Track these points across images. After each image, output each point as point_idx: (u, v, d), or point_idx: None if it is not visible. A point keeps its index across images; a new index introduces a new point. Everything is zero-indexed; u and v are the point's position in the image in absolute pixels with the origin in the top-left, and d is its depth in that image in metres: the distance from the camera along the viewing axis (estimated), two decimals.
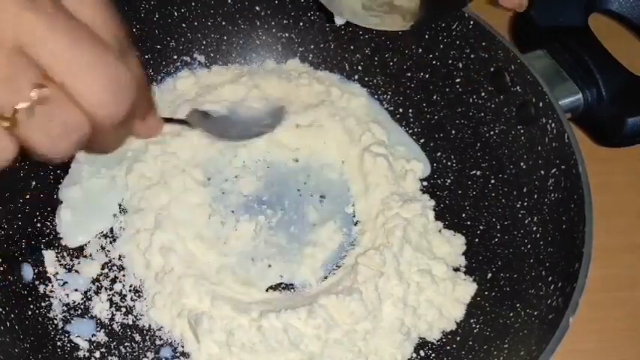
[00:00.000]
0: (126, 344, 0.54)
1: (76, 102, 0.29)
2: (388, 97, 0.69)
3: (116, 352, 0.53)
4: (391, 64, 0.68)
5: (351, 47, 0.70)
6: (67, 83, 0.28)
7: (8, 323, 0.50)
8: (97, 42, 0.29)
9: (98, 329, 0.54)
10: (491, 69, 0.61)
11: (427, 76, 0.66)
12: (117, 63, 0.30)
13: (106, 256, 0.58)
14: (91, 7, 0.30)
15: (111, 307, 0.55)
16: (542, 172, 0.57)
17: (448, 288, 0.56)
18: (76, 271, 0.56)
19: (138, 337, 0.54)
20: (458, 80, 0.64)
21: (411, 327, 0.54)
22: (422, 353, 0.55)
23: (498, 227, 0.60)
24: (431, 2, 0.51)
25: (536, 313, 0.51)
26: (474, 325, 0.56)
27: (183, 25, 0.68)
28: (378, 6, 0.52)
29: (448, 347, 0.55)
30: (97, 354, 0.53)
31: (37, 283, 0.55)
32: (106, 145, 0.34)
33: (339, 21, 0.62)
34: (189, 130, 0.60)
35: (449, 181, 0.64)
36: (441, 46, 0.64)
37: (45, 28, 0.27)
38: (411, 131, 0.68)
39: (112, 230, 0.59)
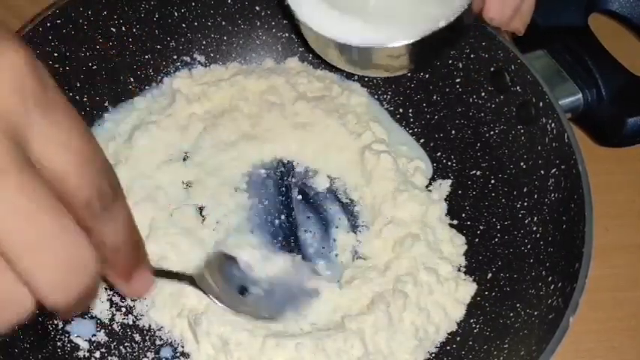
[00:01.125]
0: (126, 344, 0.54)
1: (22, 278, 0.25)
2: (388, 97, 0.69)
3: (116, 352, 0.53)
4: None
5: None
6: (11, 257, 0.24)
7: None
8: (55, 209, 0.24)
9: (98, 329, 0.54)
10: (492, 69, 0.61)
11: (427, 76, 0.66)
12: (76, 239, 0.25)
13: None
14: (67, 152, 0.25)
15: (111, 307, 0.55)
16: (543, 172, 0.57)
17: (451, 288, 0.56)
18: None
19: (138, 337, 0.54)
20: (458, 80, 0.64)
21: (423, 331, 0.54)
22: None
23: (498, 227, 0.60)
24: (418, 56, 0.51)
25: (536, 313, 0.51)
26: (474, 325, 0.56)
27: (183, 25, 0.68)
28: (362, 65, 0.53)
29: (448, 347, 0.55)
30: (97, 354, 0.53)
31: None
32: (62, 313, 0.28)
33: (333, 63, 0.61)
34: None
35: (449, 181, 0.64)
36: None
37: (2, 195, 0.23)
38: (411, 131, 0.68)
39: None
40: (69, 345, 0.53)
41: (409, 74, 0.67)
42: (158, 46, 0.68)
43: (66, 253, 0.25)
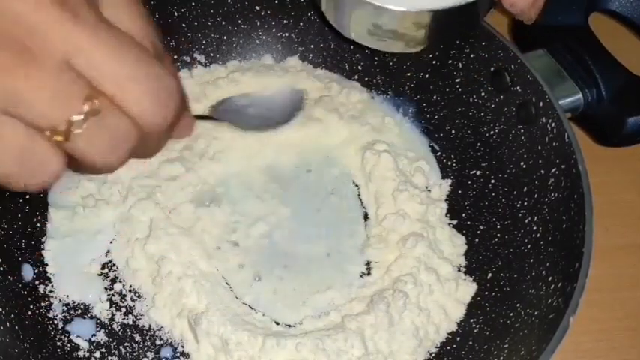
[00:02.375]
0: (126, 344, 0.54)
1: (126, 112, 0.29)
2: (388, 96, 0.69)
3: (116, 352, 0.53)
4: (391, 63, 0.68)
5: (351, 47, 0.70)
6: (116, 94, 0.29)
7: (8, 323, 0.50)
8: (140, 51, 0.29)
9: (98, 329, 0.54)
10: (492, 69, 0.61)
11: (427, 76, 0.66)
12: (161, 70, 0.30)
13: (106, 256, 0.58)
14: (128, 16, 0.31)
15: (111, 307, 0.55)
16: (543, 171, 0.57)
17: (452, 288, 0.56)
18: None
19: (138, 337, 0.54)
20: (458, 80, 0.64)
21: (423, 331, 0.54)
22: None
23: (498, 227, 0.60)
24: (437, 32, 0.52)
25: (536, 312, 0.51)
26: (474, 325, 0.56)
27: (184, 25, 0.68)
28: (383, 33, 0.52)
29: (448, 347, 0.55)
30: (97, 354, 0.53)
31: (37, 282, 0.55)
32: (151, 151, 0.34)
33: (348, 35, 0.62)
34: None
35: (449, 181, 0.64)
36: (441, 45, 0.64)
37: (90, 41, 0.28)
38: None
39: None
40: (69, 345, 0.53)
41: (409, 74, 0.67)
42: None
43: (159, 82, 0.30)
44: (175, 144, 0.63)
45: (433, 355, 0.55)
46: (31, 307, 0.54)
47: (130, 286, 0.56)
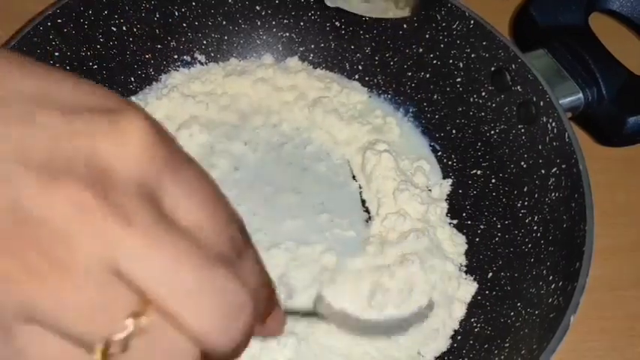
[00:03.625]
0: None
1: (181, 329, 0.24)
2: (389, 96, 0.69)
3: None
4: (391, 63, 0.68)
5: (352, 47, 0.70)
6: (169, 309, 0.23)
7: None
8: (204, 258, 0.24)
9: None
10: (492, 68, 0.61)
11: (427, 75, 0.66)
12: (229, 281, 0.24)
13: None
14: (198, 207, 0.25)
15: None
16: (543, 171, 0.57)
17: (454, 287, 0.56)
18: None
19: None
20: (458, 80, 0.64)
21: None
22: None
23: (499, 226, 0.60)
24: None
25: (537, 312, 0.51)
26: (474, 325, 0.56)
27: (184, 24, 0.68)
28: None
29: (448, 346, 0.55)
30: None
31: None
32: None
33: (329, 3, 0.62)
34: None
35: (449, 180, 0.64)
36: (442, 45, 0.64)
37: (143, 245, 0.22)
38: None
39: None
40: None
41: (410, 74, 0.67)
42: (159, 46, 0.68)
43: (223, 297, 0.24)
44: None
45: None
46: None
47: None
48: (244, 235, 0.27)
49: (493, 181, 0.62)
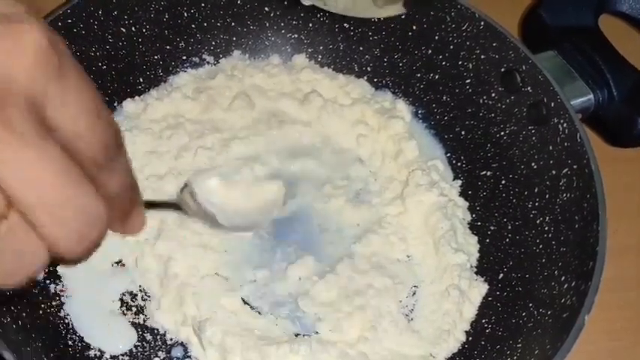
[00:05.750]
0: (137, 344, 0.53)
1: (38, 235, 0.26)
2: (398, 98, 0.69)
3: (127, 351, 0.53)
4: (400, 65, 0.68)
5: (360, 48, 0.70)
6: (29, 215, 0.25)
7: (20, 322, 0.50)
8: (72, 173, 0.26)
9: None
10: (502, 69, 0.61)
11: (437, 77, 0.66)
12: (90, 197, 0.27)
13: (116, 255, 0.57)
14: (79, 116, 0.27)
15: (122, 306, 0.55)
16: (554, 172, 0.57)
17: (466, 287, 0.56)
18: None
19: (149, 337, 0.54)
20: (468, 81, 0.64)
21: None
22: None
23: (509, 227, 0.60)
24: None
25: (549, 312, 0.51)
26: (485, 326, 0.55)
27: (193, 25, 0.68)
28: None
29: (460, 347, 0.55)
30: (108, 354, 0.53)
31: (47, 282, 0.55)
32: (71, 262, 0.30)
33: (305, 2, 0.63)
34: None
35: (459, 181, 0.64)
36: (451, 46, 0.64)
37: (16, 152, 0.24)
38: None
39: None
40: (80, 344, 0.53)
41: (419, 75, 0.67)
42: (167, 47, 0.68)
43: (81, 209, 0.26)
44: None
45: None
46: (42, 306, 0.53)
47: (140, 286, 0.56)
48: (118, 140, 0.30)
49: (503, 182, 0.62)
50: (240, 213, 0.48)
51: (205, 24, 0.69)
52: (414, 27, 0.66)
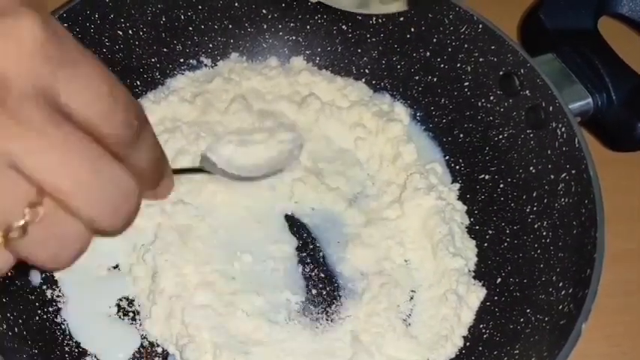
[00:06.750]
0: (134, 351, 0.53)
1: (75, 216, 0.27)
2: (396, 100, 0.69)
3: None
4: (399, 67, 0.68)
5: (358, 50, 0.69)
6: (63, 199, 0.26)
7: (16, 328, 0.50)
8: (95, 151, 0.27)
9: None
10: (501, 73, 0.61)
11: (435, 79, 0.66)
12: (118, 171, 0.28)
13: (113, 261, 0.57)
14: (94, 101, 0.27)
15: (118, 311, 0.55)
16: (552, 176, 0.56)
17: (463, 292, 0.56)
18: None
19: (145, 343, 0.54)
20: (466, 84, 0.64)
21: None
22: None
23: (508, 232, 0.59)
24: None
25: (547, 318, 0.51)
26: (483, 331, 0.55)
27: (190, 28, 0.68)
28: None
29: (457, 353, 0.55)
30: None
31: (44, 287, 0.55)
32: (113, 234, 0.31)
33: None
34: None
35: (457, 185, 0.64)
36: (450, 49, 0.64)
37: (36, 141, 0.25)
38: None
39: None
40: (76, 350, 0.53)
41: (417, 78, 0.67)
42: (165, 49, 0.67)
43: (112, 186, 0.27)
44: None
45: None
46: (39, 312, 0.53)
47: (135, 292, 0.56)
48: (142, 117, 0.30)
49: (501, 186, 0.61)
50: (260, 164, 0.57)
51: (202, 26, 0.68)
52: (413, 29, 0.66)
